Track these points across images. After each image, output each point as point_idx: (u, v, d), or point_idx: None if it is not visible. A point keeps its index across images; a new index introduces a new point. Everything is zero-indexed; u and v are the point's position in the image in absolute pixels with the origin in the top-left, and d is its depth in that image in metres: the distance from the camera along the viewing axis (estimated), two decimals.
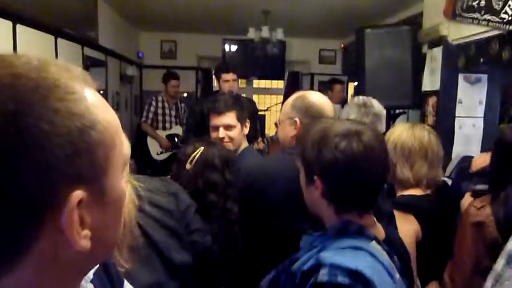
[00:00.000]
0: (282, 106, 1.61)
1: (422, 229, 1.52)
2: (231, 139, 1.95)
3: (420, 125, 1.72)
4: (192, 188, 1.36)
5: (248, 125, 2.04)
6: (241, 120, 1.99)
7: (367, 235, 0.95)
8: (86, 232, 0.43)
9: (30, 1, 2.97)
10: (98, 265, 0.61)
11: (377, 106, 1.88)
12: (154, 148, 4.89)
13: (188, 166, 1.40)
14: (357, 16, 4.94)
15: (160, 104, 4.93)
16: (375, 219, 1.05)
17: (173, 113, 4.97)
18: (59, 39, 3.38)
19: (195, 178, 1.40)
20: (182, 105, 5.11)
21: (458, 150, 2.87)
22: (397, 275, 0.91)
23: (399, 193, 1.65)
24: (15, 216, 0.39)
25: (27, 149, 0.38)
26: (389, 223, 1.33)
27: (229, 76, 3.35)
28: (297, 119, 1.46)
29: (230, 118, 1.95)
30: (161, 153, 4.86)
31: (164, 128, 4.95)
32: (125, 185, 0.50)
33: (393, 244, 1.01)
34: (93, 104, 0.44)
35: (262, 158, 1.92)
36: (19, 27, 2.76)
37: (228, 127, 1.96)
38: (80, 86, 0.44)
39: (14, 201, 0.38)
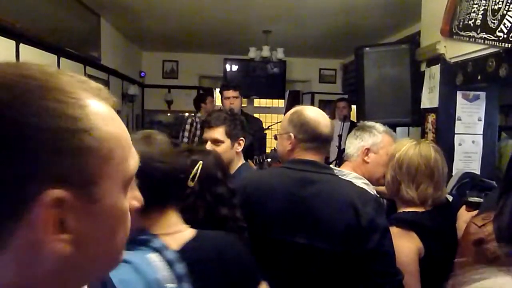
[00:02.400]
0: None
1: (425, 246, 1.50)
2: None
3: (425, 142, 1.68)
4: (203, 204, 1.32)
5: (242, 142, 2.03)
6: (231, 136, 1.98)
7: (151, 246, 0.97)
8: (66, 236, 0.42)
9: (34, 20, 3.03)
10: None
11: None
12: None
13: (190, 183, 1.33)
14: (356, 35, 5.01)
15: (198, 126, 4.69)
16: (182, 225, 1.10)
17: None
18: (61, 58, 3.44)
19: (203, 194, 1.34)
20: None
21: (458, 167, 2.86)
22: (171, 284, 0.94)
23: (401, 209, 1.64)
24: None
25: (13, 139, 0.39)
26: (384, 237, 1.33)
27: (229, 93, 3.39)
28: (292, 134, 1.47)
29: (218, 133, 1.96)
30: None
31: None
32: (128, 204, 0.50)
33: (188, 252, 1.04)
34: (97, 113, 0.45)
35: (259, 171, 1.92)
36: (22, 46, 2.81)
37: (215, 142, 1.96)
38: (86, 96, 0.45)
39: None
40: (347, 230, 1.31)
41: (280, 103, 8.01)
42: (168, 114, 6.88)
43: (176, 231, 1.07)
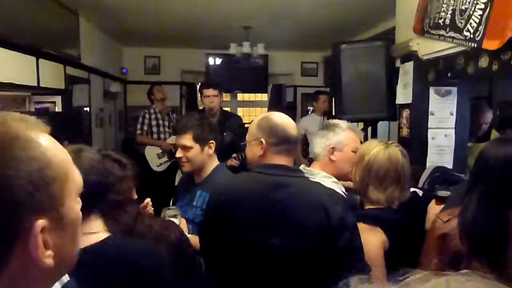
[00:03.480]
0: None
1: (389, 239, 1.59)
2: (188, 160, 2.00)
3: (393, 146, 1.74)
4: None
5: (212, 145, 2.04)
6: (199, 140, 2.00)
7: None
8: (49, 252, 0.52)
9: (12, 23, 3.01)
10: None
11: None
12: (153, 160, 4.86)
13: None
14: (335, 29, 5.08)
15: (153, 116, 4.94)
16: (99, 230, 1.17)
17: (166, 123, 5.00)
18: (40, 60, 3.42)
19: None
20: (174, 115, 5.16)
21: (432, 160, 2.97)
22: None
23: (367, 206, 1.72)
24: None
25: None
26: (353, 234, 1.41)
27: (209, 91, 3.44)
28: (263, 140, 1.53)
29: (186, 139, 1.99)
30: (161, 164, 4.84)
31: (160, 139, 4.95)
32: (79, 206, 0.60)
33: (89, 253, 1.09)
34: (47, 147, 0.54)
35: (232, 176, 1.97)
36: (0, 50, 2.80)
37: (184, 148, 1.99)
38: (35, 134, 0.54)
39: None
40: (319, 229, 1.38)
41: (264, 96, 8.06)
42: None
43: (89, 234, 1.13)
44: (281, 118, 1.56)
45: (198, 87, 5.88)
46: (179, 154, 2.01)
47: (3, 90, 3.03)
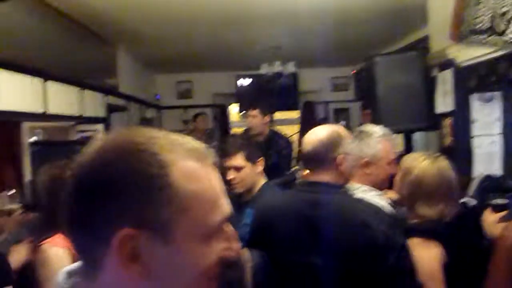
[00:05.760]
0: (299, 136, 1.63)
1: (447, 252, 1.52)
2: (241, 179, 1.97)
3: (441, 159, 1.65)
4: None
5: (261, 162, 2.02)
6: (251, 159, 1.98)
7: None
8: (137, 266, 0.51)
9: (57, 59, 3.20)
10: None
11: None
12: None
13: None
14: (366, 42, 5.07)
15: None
16: None
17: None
18: (85, 90, 3.60)
19: None
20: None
21: (479, 169, 2.86)
22: None
23: (414, 219, 1.62)
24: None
25: (106, 192, 0.52)
26: (401, 254, 1.31)
27: (250, 112, 3.53)
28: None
29: (238, 159, 1.96)
30: None
31: None
32: (213, 256, 0.55)
33: None
34: (179, 172, 0.53)
35: (275, 194, 1.91)
36: (48, 83, 2.97)
37: (237, 169, 1.96)
38: (176, 156, 0.54)
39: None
40: (363, 249, 1.31)
41: (295, 114, 8.07)
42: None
43: None
44: (308, 135, 1.48)
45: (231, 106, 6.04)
46: (231, 175, 1.97)
47: (50, 121, 3.19)
